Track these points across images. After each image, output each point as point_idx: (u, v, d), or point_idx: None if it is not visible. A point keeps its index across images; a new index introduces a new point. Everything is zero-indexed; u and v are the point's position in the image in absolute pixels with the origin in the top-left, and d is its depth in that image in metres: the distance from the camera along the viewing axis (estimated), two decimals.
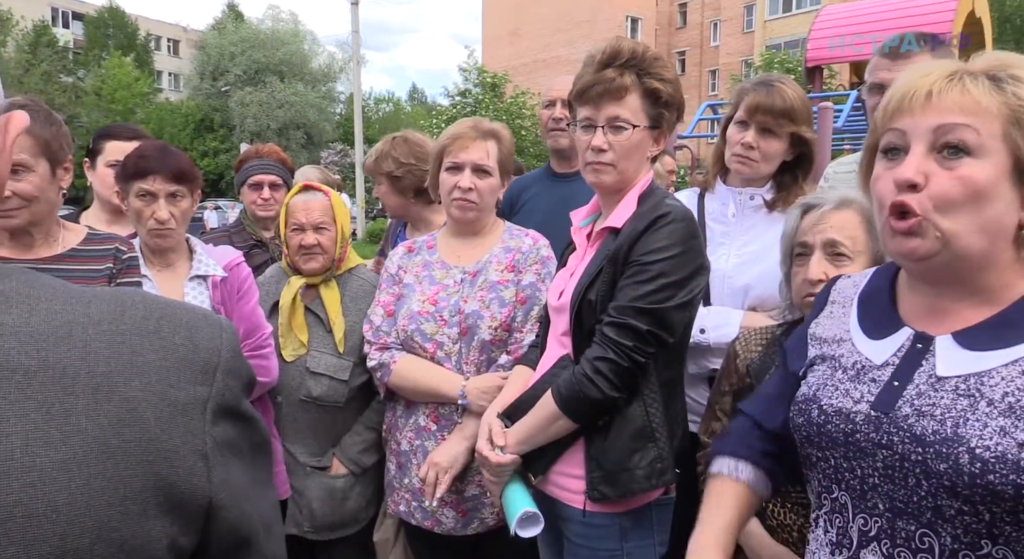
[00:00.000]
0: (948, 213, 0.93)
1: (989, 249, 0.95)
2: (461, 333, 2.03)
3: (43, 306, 0.64)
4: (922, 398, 0.97)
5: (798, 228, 1.68)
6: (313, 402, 2.28)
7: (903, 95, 0.98)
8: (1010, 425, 0.89)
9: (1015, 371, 0.92)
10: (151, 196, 2.08)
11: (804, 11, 34.51)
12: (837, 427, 1.05)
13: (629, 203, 1.73)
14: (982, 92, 0.93)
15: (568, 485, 1.72)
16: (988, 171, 0.92)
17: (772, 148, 2.08)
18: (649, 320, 1.59)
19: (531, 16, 43.58)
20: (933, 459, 0.93)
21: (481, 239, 2.17)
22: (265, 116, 35.34)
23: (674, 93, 1.72)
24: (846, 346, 1.12)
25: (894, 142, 0.99)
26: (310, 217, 2.30)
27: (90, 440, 0.60)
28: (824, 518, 1.10)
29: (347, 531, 2.34)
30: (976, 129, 0.92)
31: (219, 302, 2.20)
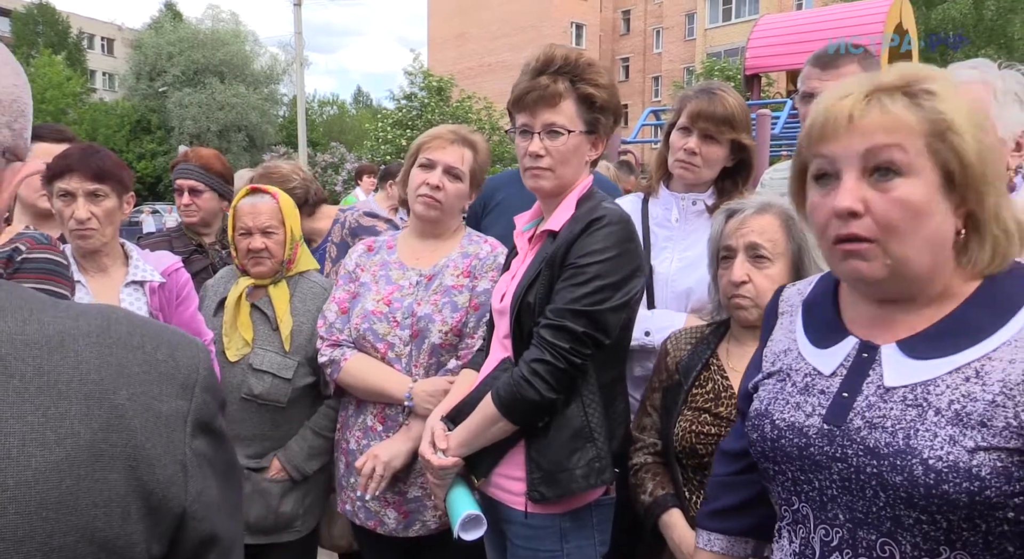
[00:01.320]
0: (895, 237, 0.94)
1: (935, 263, 0.96)
2: (412, 335, 2.03)
3: (35, 316, 0.67)
4: (872, 410, 0.98)
5: (722, 232, 1.76)
6: (254, 400, 2.23)
7: (825, 120, 0.98)
8: (958, 433, 0.90)
9: (959, 378, 0.93)
10: (70, 196, 2.02)
11: (743, 20, 35.42)
12: (791, 442, 1.06)
13: (568, 206, 1.75)
14: (901, 109, 0.94)
15: (509, 487, 1.73)
16: (921, 189, 0.93)
17: (714, 154, 2.12)
18: (585, 322, 1.61)
19: (477, 20, 43.66)
20: (888, 472, 0.94)
21: (441, 243, 2.17)
22: (205, 118, 34.51)
23: (609, 98, 1.74)
24: (792, 356, 1.13)
25: (824, 168, 1.00)
26: (257, 221, 2.26)
27: (82, 443, 0.63)
28: (787, 529, 1.11)
29: (284, 537, 2.29)
30: (903, 147, 0.93)
31: (157, 308, 2.14)
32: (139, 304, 2.14)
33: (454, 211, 2.15)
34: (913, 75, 0.97)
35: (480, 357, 1.92)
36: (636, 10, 45.76)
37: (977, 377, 0.93)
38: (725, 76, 25.92)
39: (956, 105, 0.94)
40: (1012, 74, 1.75)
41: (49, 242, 1.85)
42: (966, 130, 0.93)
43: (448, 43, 45.17)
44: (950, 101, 0.94)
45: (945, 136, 0.93)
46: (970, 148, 0.92)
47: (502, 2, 42.96)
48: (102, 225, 2.06)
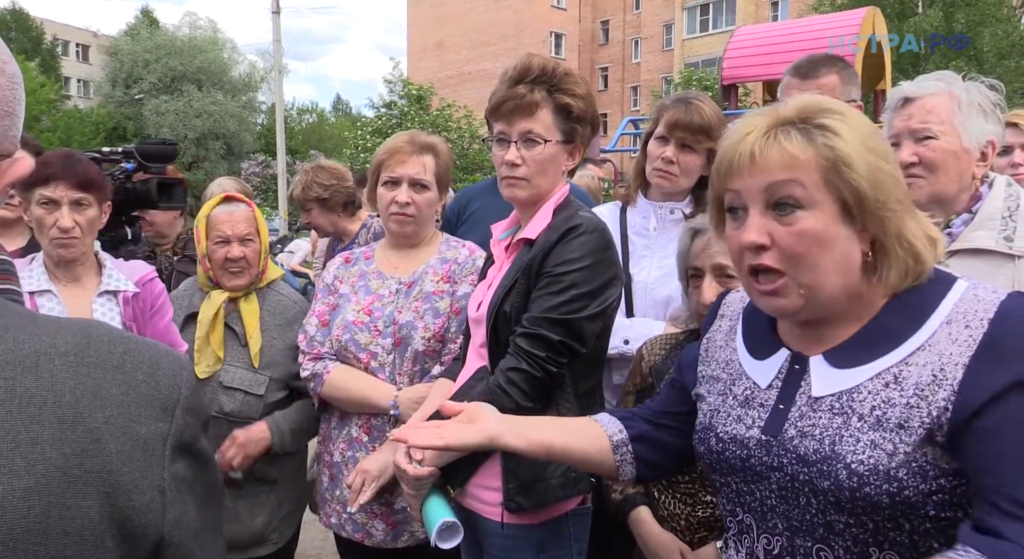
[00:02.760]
0: (801, 267, 0.99)
1: (847, 284, 1.01)
2: (395, 343, 2.01)
3: (10, 335, 0.65)
4: (803, 419, 1.03)
5: (689, 252, 1.78)
6: (225, 418, 2.20)
7: (731, 157, 1.03)
8: (879, 437, 0.95)
9: (879, 384, 0.98)
10: (53, 204, 1.99)
11: (720, 31, 35.82)
12: (734, 454, 1.10)
13: (544, 215, 1.75)
14: (796, 146, 0.98)
15: (486, 497, 1.72)
16: (821, 220, 0.98)
17: (691, 163, 2.14)
18: (561, 331, 1.61)
19: (456, 30, 43.77)
20: (817, 477, 0.99)
21: (418, 250, 2.16)
22: (182, 125, 34.21)
23: (586, 108, 1.74)
24: (734, 367, 1.18)
25: (733, 202, 1.05)
26: (236, 229, 2.23)
27: (53, 469, 0.61)
28: (732, 540, 1.15)
29: (257, 552, 2.26)
30: (800, 182, 0.98)
31: (130, 319, 2.11)
32: (112, 314, 2.10)
33: (427, 220, 2.14)
34: (811, 109, 1.02)
35: (456, 366, 1.91)
36: (615, 20, 46.12)
37: (896, 382, 0.97)
38: (703, 86, 26.17)
39: (849, 139, 0.98)
40: (976, 86, 1.79)
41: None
42: (858, 163, 0.97)
43: (428, 52, 45.21)
44: (843, 136, 0.98)
45: (839, 170, 0.97)
46: (863, 179, 0.97)
47: (482, 12, 43.12)
48: (84, 234, 2.04)
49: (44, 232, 2.00)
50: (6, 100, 0.69)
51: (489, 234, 1.96)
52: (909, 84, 1.84)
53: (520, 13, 41.80)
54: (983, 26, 20.19)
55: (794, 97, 1.06)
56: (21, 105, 0.72)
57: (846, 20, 10.41)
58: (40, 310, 2.00)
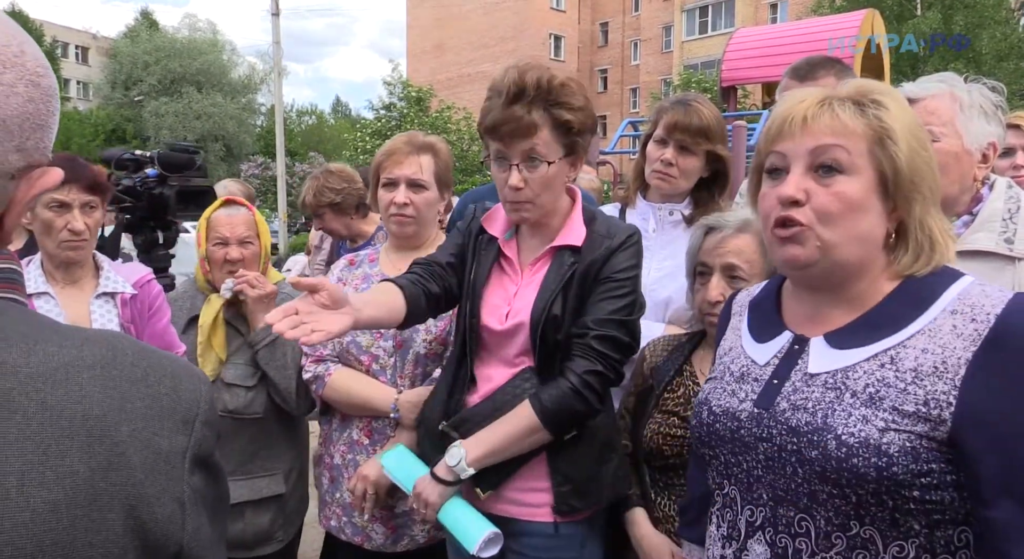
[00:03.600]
0: (828, 225, 1.04)
1: (863, 257, 1.06)
2: (396, 346, 2.01)
3: (40, 347, 0.65)
4: (797, 393, 1.07)
5: (700, 248, 1.78)
6: (229, 416, 2.20)
7: (782, 121, 1.08)
8: (871, 414, 0.99)
9: (875, 365, 1.02)
10: (64, 206, 1.99)
11: (719, 33, 35.85)
12: (724, 425, 1.15)
13: (579, 222, 1.73)
14: (848, 116, 1.04)
15: (532, 500, 1.67)
16: (859, 186, 1.03)
17: (690, 165, 2.14)
18: (627, 332, 1.64)
19: (455, 31, 43.80)
20: (806, 447, 1.02)
21: (422, 252, 2.14)
22: (181, 127, 34.22)
23: (585, 119, 1.67)
24: (735, 352, 1.23)
25: (776, 163, 1.10)
26: (235, 231, 2.24)
27: (81, 482, 0.61)
28: (716, 514, 1.19)
29: (262, 550, 2.27)
30: (846, 148, 1.03)
31: (129, 321, 2.11)
32: (110, 316, 2.10)
33: (429, 220, 2.13)
34: (868, 89, 1.08)
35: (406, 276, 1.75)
36: (614, 22, 46.17)
37: (892, 363, 1.01)
38: (702, 88, 26.21)
39: (899, 118, 1.04)
40: (977, 88, 1.79)
41: (7, 252, 1.81)
42: (903, 140, 1.03)
43: (427, 54, 45.24)
44: (895, 113, 1.04)
45: (884, 143, 1.03)
46: (904, 157, 1.02)
47: (481, 14, 43.15)
48: (91, 236, 2.05)
49: (52, 234, 2.00)
50: (39, 113, 0.69)
51: None
52: (911, 85, 1.84)
53: (519, 15, 41.83)
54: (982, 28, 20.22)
55: (854, 81, 1.11)
56: (54, 117, 0.72)
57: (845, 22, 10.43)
58: (38, 312, 1.99)
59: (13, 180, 0.69)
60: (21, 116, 0.67)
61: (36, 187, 0.71)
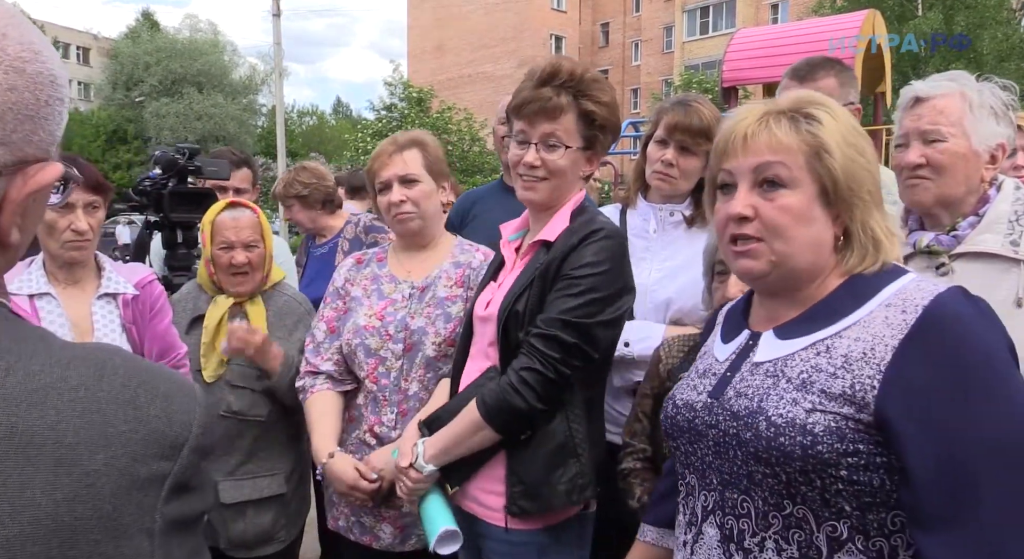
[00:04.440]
0: (778, 237, 1.10)
1: (814, 263, 1.12)
2: (406, 349, 2.01)
3: (22, 365, 0.61)
4: (743, 382, 1.15)
5: (717, 247, 1.74)
6: (233, 417, 2.21)
7: (726, 139, 1.16)
8: (800, 397, 1.05)
9: (811, 353, 1.08)
10: (68, 207, 2.00)
11: (720, 34, 35.84)
12: (684, 416, 1.22)
13: (562, 218, 1.74)
14: (784, 132, 1.10)
15: (488, 501, 1.70)
16: (801, 198, 1.09)
17: (690, 165, 2.14)
18: (575, 334, 1.60)
19: (456, 32, 43.79)
20: (742, 430, 1.09)
21: (431, 253, 2.15)
22: (182, 128, 34.19)
23: (609, 116, 1.73)
24: (707, 352, 1.30)
25: (726, 179, 1.16)
26: (240, 235, 2.24)
27: (42, 516, 0.57)
28: (681, 503, 1.26)
29: (265, 550, 2.28)
30: (786, 164, 1.09)
31: (130, 321, 2.11)
32: (112, 317, 2.10)
33: (430, 213, 2.12)
34: (802, 102, 1.14)
35: (448, 368, 1.90)
36: (615, 23, 46.17)
37: (827, 352, 1.07)
38: (703, 88, 26.17)
39: (832, 130, 1.10)
40: (989, 87, 1.77)
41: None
42: (838, 152, 1.08)
43: (428, 54, 45.24)
44: (828, 127, 1.10)
45: (820, 155, 1.09)
46: (840, 167, 1.08)
47: (482, 15, 43.15)
48: (94, 236, 2.06)
49: (56, 235, 2.00)
50: (25, 103, 0.64)
51: (493, 236, 1.95)
52: (921, 83, 1.82)
53: (520, 15, 41.82)
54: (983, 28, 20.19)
55: (790, 93, 1.18)
56: (52, 108, 0.67)
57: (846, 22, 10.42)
58: (40, 313, 2.00)
59: (1, 177, 0.64)
60: (1, 106, 0.62)
61: (31, 184, 0.66)
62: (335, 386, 2.09)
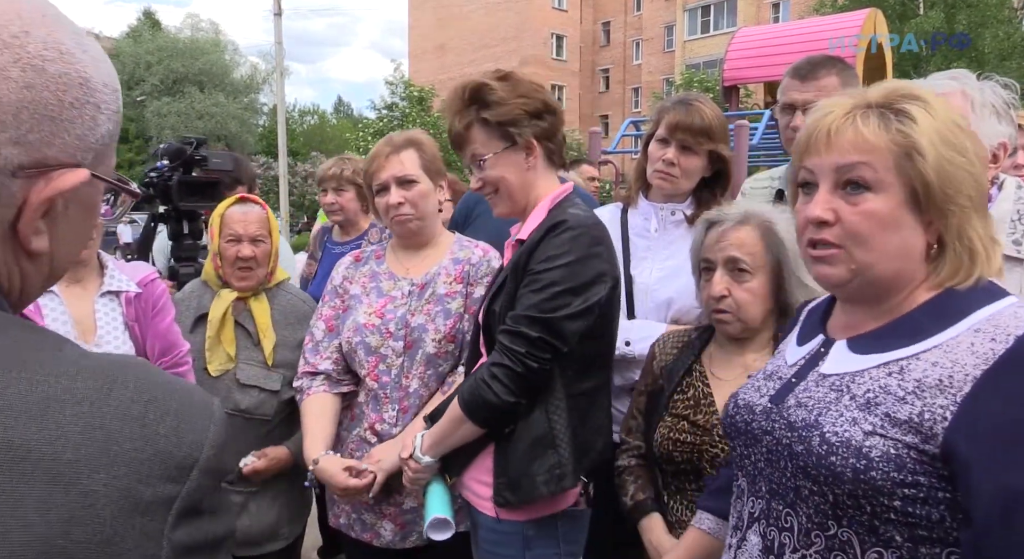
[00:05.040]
0: (859, 245, 1.02)
1: (900, 272, 1.03)
2: (406, 346, 2.01)
3: (25, 376, 0.58)
4: (805, 392, 1.09)
5: (703, 244, 1.78)
6: (240, 415, 2.22)
7: (809, 135, 1.07)
8: (861, 417, 0.98)
9: (883, 372, 1.01)
10: None
11: (721, 33, 35.82)
12: (742, 418, 1.17)
13: (538, 215, 1.76)
14: (871, 131, 1.01)
15: (479, 491, 1.75)
16: (887, 204, 1.00)
17: (692, 164, 2.14)
18: (540, 328, 1.62)
19: (457, 32, 43.81)
20: (795, 442, 1.04)
21: (430, 250, 2.15)
22: (184, 127, 34.20)
23: (507, 110, 1.72)
24: (779, 353, 1.24)
25: (807, 178, 1.08)
26: (248, 229, 2.26)
27: (33, 538, 0.53)
28: (732, 504, 1.22)
29: (268, 548, 2.29)
30: (872, 166, 1.00)
31: (133, 319, 2.12)
32: (114, 314, 2.11)
33: (428, 212, 2.12)
34: (896, 96, 1.03)
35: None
36: (616, 22, 46.14)
37: (900, 373, 0.99)
38: (704, 87, 26.16)
39: (926, 128, 0.99)
40: (991, 85, 1.76)
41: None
42: (931, 152, 0.98)
43: (429, 54, 45.25)
44: (922, 123, 0.99)
45: (910, 156, 0.99)
46: (932, 170, 0.98)
47: (483, 14, 43.15)
48: (98, 235, 2.10)
49: None
50: (44, 102, 0.62)
51: (496, 235, 1.97)
52: (922, 82, 1.82)
53: (521, 15, 41.82)
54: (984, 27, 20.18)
55: (884, 84, 1.07)
56: (78, 111, 0.64)
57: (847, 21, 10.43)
58: (43, 310, 2.01)
59: (16, 178, 0.61)
60: (16, 104, 0.60)
61: (49, 189, 0.63)
62: (332, 387, 2.09)
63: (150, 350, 2.12)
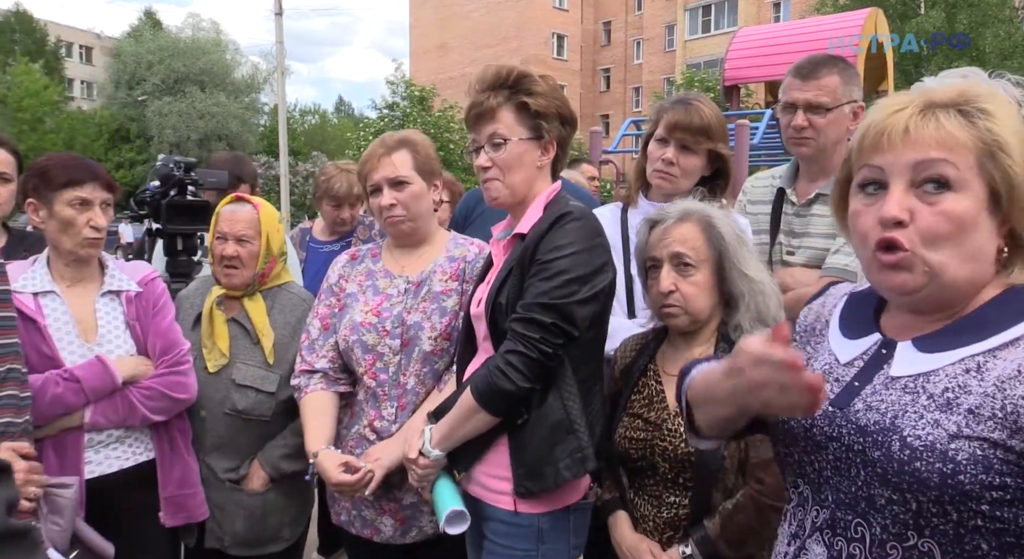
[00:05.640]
0: (935, 247, 0.96)
1: (973, 276, 0.98)
2: (403, 344, 2.02)
3: None
4: (874, 396, 1.02)
5: (647, 243, 1.82)
6: (238, 416, 2.22)
7: (879, 131, 1.00)
8: (944, 418, 0.93)
9: (959, 369, 0.96)
10: (87, 204, 2.02)
11: (722, 32, 35.80)
12: (799, 423, 1.09)
13: (536, 210, 1.78)
14: (956, 127, 0.96)
15: (494, 486, 1.75)
16: (968, 204, 0.95)
17: (691, 164, 2.14)
18: (553, 314, 1.63)
19: (459, 31, 43.80)
20: (870, 447, 0.98)
21: (425, 249, 2.16)
22: (185, 127, 34.29)
23: (547, 103, 1.77)
24: (822, 343, 1.17)
25: (872, 177, 1.01)
26: (233, 228, 2.26)
27: None
28: (791, 511, 1.14)
29: (269, 549, 2.30)
30: (954, 163, 0.95)
31: (134, 318, 2.13)
32: (115, 314, 2.12)
33: (421, 213, 2.12)
34: (970, 93, 0.99)
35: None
36: (617, 21, 46.12)
37: (978, 371, 0.94)
38: (705, 87, 26.15)
39: (1009, 126, 0.96)
40: (1001, 83, 1.76)
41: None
42: (1017, 151, 0.95)
43: (430, 53, 45.25)
44: (1003, 122, 0.96)
45: (996, 156, 0.95)
46: (1018, 166, 0.95)
47: (483, 14, 43.14)
48: (104, 233, 2.09)
49: (73, 232, 2.03)
50: None
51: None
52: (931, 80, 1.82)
53: (522, 14, 41.81)
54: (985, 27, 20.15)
55: (954, 84, 1.03)
56: None
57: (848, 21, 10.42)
58: (44, 310, 2.01)
59: None
60: None
61: None
62: (329, 385, 2.10)
63: (151, 349, 2.13)
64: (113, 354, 2.06)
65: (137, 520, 2.11)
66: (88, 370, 1.98)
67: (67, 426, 1.98)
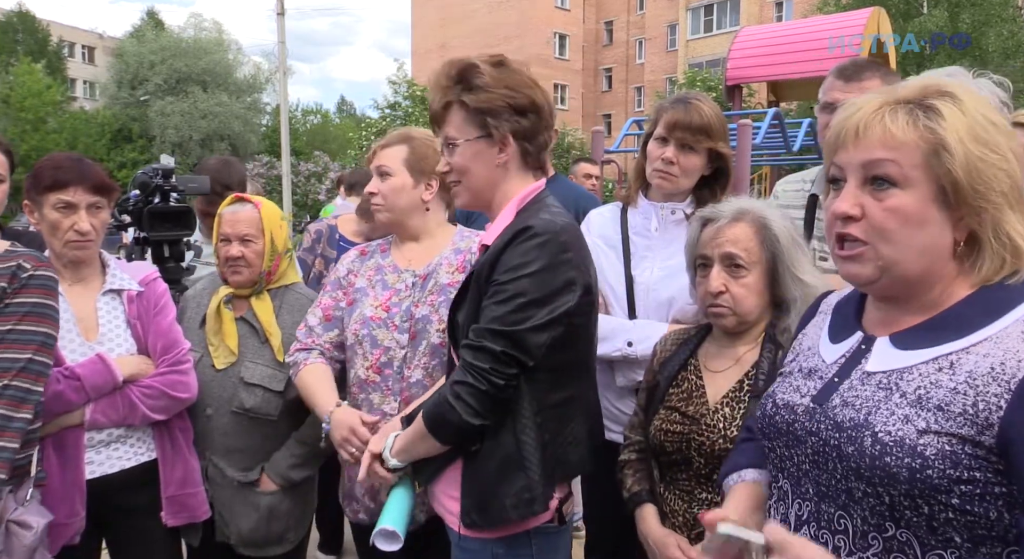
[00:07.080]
0: (885, 241, 1.01)
1: (928, 269, 1.02)
2: (410, 337, 2.03)
3: None
4: (851, 391, 1.07)
5: (698, 240, 1.78)
6: (245, 414, 2.23)
7: (837, 131, 1.07)
8: (914, 414, 0.97)
9: (932, 368, 1.00)
10: (71, 207, 2.01)
11: (724, 32, 35.74)
12: (783, 418, 1.14)
13: (504, 218, 1.69)
14: (899, 127, 1.01)
15: (448, 506, 1.71)
16: (914, 200, 1.00)
17: (691, 163, 2.14)
18: (504, 342, 1.54)
19: (460, 31, 43.77)
20: (844, 443, 1.02)
21: (430, 242, 2.17)
22: (187, 127, 34.31)
23: (491, 97, 1.63)
24: (813, 349, 1.22)
25: (835, 174, 1.08)
26: (235, 229, 2.27)
27: None
28: (772, 507, 1.18)
29: (275, 550, 2.30)
30: (898, 163, 1.00)
31: (135, 317, 2.13)
32: (116, 313, 2.12)
33: (399, 206, 2.12)
34: (927, 90, 1.04)
35: None
36: (619, 21, 46.07)
37: (950, 368, 0.98)
38: (707, 87, 26.11)
39: (955, 125, 0.99)
40: (985, 84, 1.76)
41: (47, 260, 1.83)
42: (959, 150, 0.98)
43: (432, 53, 45.18)
44: (951, 120, 0.99)
45: (938, 154, 0.99)
46: (960, 167, 0.98)
47: (486, 13, 43.13)
48: (98, 236, 2.08)
49: (58, 235, 2.02)
50: None
51: None
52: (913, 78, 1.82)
53: (524, 14, 41.80)
54: (988, 26, 20.11)
55: (917, 79, 1.09)
56: None
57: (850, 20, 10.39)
58: None
59: None
60: None
61: None
62: (327, 362, 2.11)
63: (151, 348, 2.13)
64: (114, 353, 2.06)
65: (139, 520, 2.12)
66: (89, 368, 1.98)
67: (67, 424, 1.98)
